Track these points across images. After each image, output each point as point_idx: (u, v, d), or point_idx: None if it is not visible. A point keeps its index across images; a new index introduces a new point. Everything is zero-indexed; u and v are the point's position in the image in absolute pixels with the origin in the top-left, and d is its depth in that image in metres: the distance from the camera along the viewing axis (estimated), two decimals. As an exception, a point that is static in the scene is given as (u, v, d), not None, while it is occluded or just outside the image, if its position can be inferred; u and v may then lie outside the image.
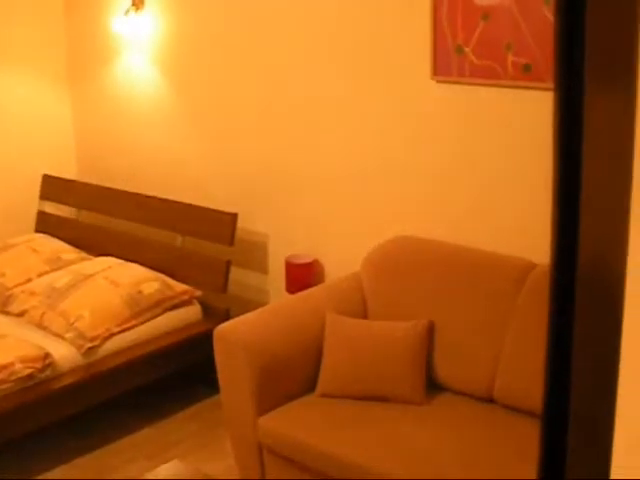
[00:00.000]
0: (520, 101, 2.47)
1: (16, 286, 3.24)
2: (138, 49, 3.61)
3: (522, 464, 1.81)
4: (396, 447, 2.24)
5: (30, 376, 2.69)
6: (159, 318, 3.12)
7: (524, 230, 2.48)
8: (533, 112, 2.38)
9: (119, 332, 2.99)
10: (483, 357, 2.44)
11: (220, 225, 3.27)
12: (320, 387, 2.52)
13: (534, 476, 0.72)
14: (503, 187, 2.58)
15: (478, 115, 2.60)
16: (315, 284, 2.99)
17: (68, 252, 3.55)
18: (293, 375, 2.52)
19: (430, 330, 2.52)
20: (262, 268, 3.40)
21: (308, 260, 3.13)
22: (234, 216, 3.23)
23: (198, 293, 3.26)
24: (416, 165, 2.80)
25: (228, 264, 3.22)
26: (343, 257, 3.04)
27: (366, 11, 2.82)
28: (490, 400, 2.43)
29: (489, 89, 2.54)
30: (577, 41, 0.59)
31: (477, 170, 2.64)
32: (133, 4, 3.49)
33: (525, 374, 2.23)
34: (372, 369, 2.49)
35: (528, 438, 1.27)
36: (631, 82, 0.64)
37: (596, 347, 0.68)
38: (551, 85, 0.68)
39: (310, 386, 2.54)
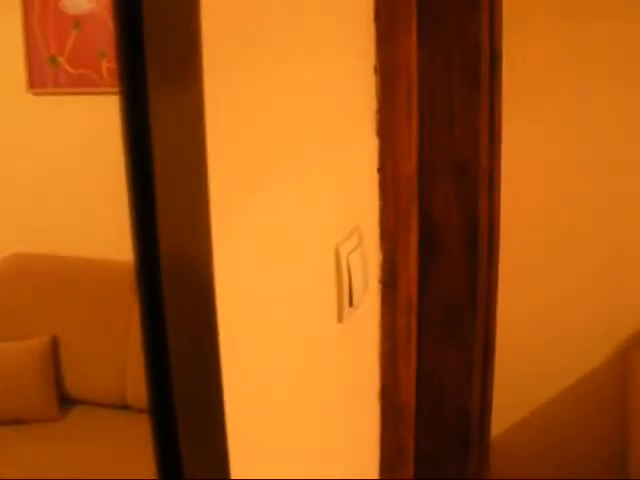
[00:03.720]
0: (117, 107, 2.48)
1: None
2: None
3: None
4: (33, 468, 2.16)
5: None
6: None
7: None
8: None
9: None
10: (112, 364, 2.44)
11: None
12: (-56, 424, 2.36)
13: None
14: (104, 194, 2.59)
15: (79, 124, 2.58)
16: None
17: None
18: None
19: (54, 346, 2.46)
20: None
21: None
22: None
23: None
24: (23, 180, 2.71)
25: None
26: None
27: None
28: (125, 406, 2.44)
29: (87, 97, 2.54)
30: (137, 41, 0.60)
31: (86, 180, 2.62)
32: None
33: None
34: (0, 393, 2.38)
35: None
36: (197, 81, 0.66)
37: (193, 341, 0.70)
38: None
39: None
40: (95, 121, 2.77)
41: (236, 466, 0.78)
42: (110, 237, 2.90)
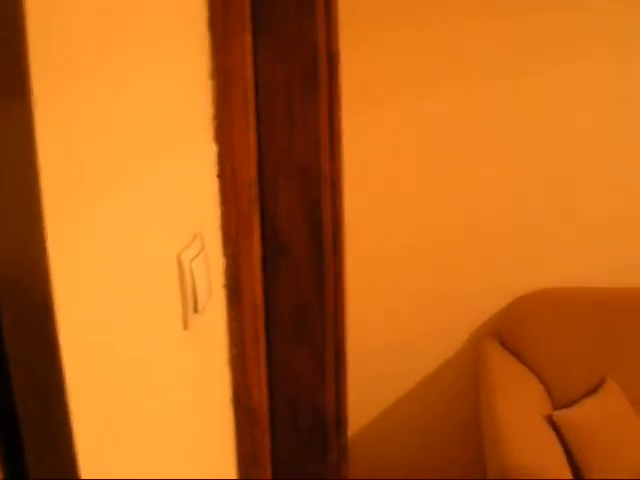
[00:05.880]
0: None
1: None
2: None
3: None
4: None
5: None
6: None
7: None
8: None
9: None
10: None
11: None
12: None
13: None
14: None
15: None
16: None
17: None
18: None
19: None
20: None
21: None
22: None
23: None
24: None
25: None
26: None
27: None
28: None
29: None
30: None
31: None
32: None
33: None
34: None
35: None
36: (25, 93, 0.65)
37: (33, 351, 0.69)
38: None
39: None
40: None
41: (87, 469, 0.77)
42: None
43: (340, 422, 2.69)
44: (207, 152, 1.29)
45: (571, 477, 2.12)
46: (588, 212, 2.93)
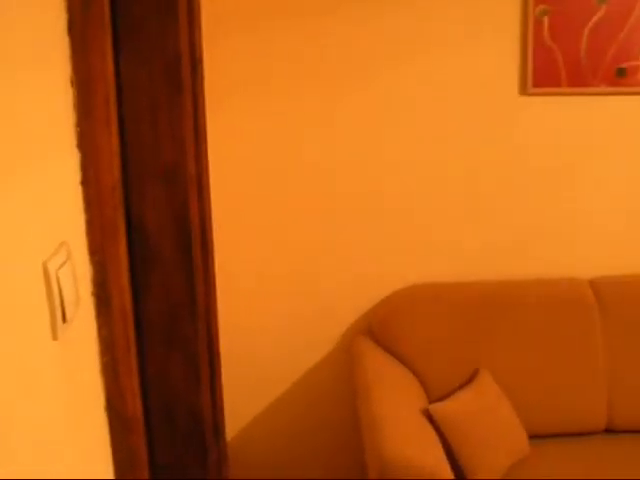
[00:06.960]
0: None
1: None
2: None
3: None
4: None
5: None
6: None
7: None
8: None
9: None
10: None
11: None
12: None
13: None
14: None
15: None
16: None
17: None
18: None
19: None
20: None
21: None
22: None
23: None
24: None
25: None
26: None
27: None
28: None
29: None
30: None
31: None
32: None
33: None
34: None
35: None
36: None
37: None
38: None
39: None
40: None
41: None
42: None
43: (218, 425, 2.68)
44: (71, 159, 1.27)
45: (449, 470, 2.16)
46: (455, 207, 3.02)
